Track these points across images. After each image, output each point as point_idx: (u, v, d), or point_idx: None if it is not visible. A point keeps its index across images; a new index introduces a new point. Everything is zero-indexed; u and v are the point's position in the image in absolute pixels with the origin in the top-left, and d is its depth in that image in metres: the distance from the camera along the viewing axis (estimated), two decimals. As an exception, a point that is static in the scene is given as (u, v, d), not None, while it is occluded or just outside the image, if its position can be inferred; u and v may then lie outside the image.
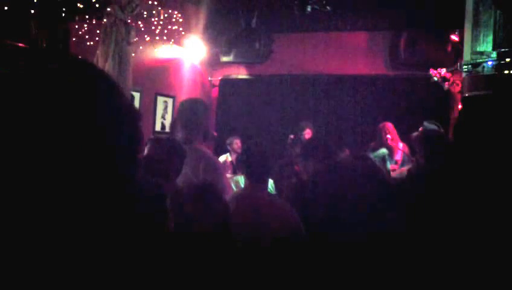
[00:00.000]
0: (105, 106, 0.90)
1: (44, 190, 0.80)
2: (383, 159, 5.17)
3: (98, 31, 5.76)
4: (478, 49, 5.52)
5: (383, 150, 5.34)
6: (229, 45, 8.23)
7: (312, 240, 2.45)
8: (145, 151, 3.05)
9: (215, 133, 5.83)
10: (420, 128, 5.06)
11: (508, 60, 5.15)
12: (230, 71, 8.75)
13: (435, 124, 5.14)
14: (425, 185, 2.53)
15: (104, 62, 5.54)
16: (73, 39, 5.94)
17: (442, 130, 5.12)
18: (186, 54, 8.01)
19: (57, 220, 0.80)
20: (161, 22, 6.60)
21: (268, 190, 4.31)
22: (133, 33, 5.77)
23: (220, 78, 8.80)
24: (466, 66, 5.57)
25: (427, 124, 5.10)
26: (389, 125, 5.85)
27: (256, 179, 2.86)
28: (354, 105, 7.79)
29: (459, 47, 6.63)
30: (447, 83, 6.12)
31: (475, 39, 5.57)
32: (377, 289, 1.77)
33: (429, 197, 2.31)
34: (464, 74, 5.73)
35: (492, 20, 5.44)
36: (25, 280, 0.78)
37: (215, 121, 8.82)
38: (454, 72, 6.10)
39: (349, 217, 2.37)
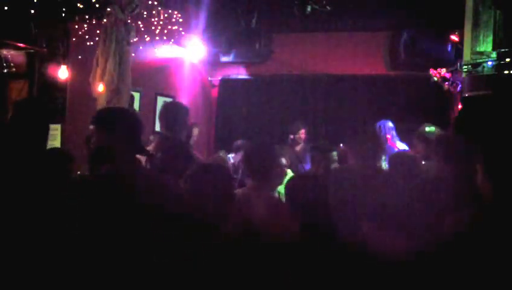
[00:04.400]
0: None
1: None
2: None
3: (98, 31, 5.76)
4: (478, 49, 5.51)
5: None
6: (229, 45, 8.23)
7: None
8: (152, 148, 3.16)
9: None
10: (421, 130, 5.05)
11: (507, 60, 5.15)
12: (230, 71, 8.75)
13: (435, 127, 5.12)
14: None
15: (105, 62, 5.55)
16: (73, 39, 5.95)
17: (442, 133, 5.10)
18: (186, 54, 8.00)
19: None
20: (161, 22, 6.60)
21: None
22: (132, 33, 5.77)
23: (220, 78, 8.80)
24: (466, 66, 5.56)
25: (427, 126, 5.09)
26: (388, 125, 5.84)
27: (258, 179, 2.88)
28: (354, 105, 7.78)
29: (459, 47, 6.62)
30: (447, 83, 6.12)
31: (475, 39, 5.57)
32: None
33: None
34: (463, 74, 5.72)
35: (492, 20, 5.44)
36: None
37: (215, 121, 8.83)
38: (454, 72, 6.09)
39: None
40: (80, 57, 6.01)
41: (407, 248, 2.16)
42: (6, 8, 5.09)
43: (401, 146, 5.75)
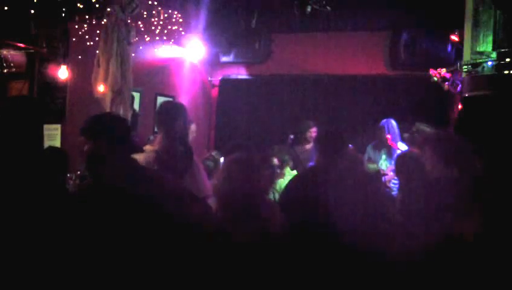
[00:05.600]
0: None
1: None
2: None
3: (98, 31, 5.76)
4: (478, 49, 5.51)
5: (374, 166, 5.33)
6: (229, 45, 8.23)
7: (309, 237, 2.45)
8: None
9: None
10: (413, 130, 5.05)
11: (508, 60, 5.15)
12: (230, 71, 8.75)
13: (427, 126, 5.12)
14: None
15: (106, 62, 5.54)
16: (73, 39, 5.94)
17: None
18: (186, 54, 8.00)
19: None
20: (161, 22, 6.61)
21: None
22: (133, 33, 5.77)
23: (220, 78, 8.80)
24: (466, 66, 5.56)
25: (420, 126, 5.08)
26: (391, 123, 5.83)
27: None
28: (354, 105, 7.78)
29: (459, 47, 6.62)
30: (447, 83, 6.11)
31: (475, 39, 5.56)
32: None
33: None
34: (463, 74, 5.72)
35: (492, 20, 5.44)
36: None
37: (215, 121, 8.83)
38: (454, 72, 6.09)
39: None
40: (80, 57, 6.01)
41: (406, 248, 2.16)
42: (6, 8, 5.09)
43: (402, 146, 5.75)
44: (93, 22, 5.79)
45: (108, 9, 5.55)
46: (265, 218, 2.46)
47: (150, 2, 6.28)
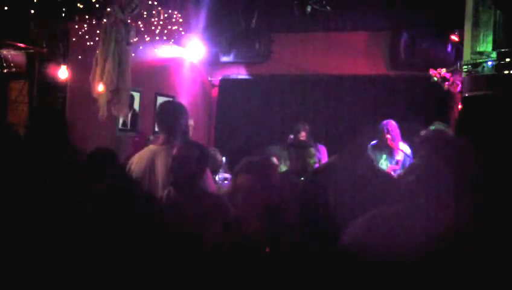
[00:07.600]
0: None
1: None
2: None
3: (98, 31, 5.76)
4: (478, 49, 5.51)
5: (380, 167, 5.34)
6: (229, 45, 8.22)
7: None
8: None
9: None
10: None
11: (508, 60, 5.15)
12: (230, 71, 8.75)
13: (443, 126, 5.13)
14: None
15: (104, 62, 5.54)
16: (73, 39, 5.95)
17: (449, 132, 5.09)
18: (186, 54, 8.00)
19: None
20: (161, 22, 6.61)
21: None
22: (132, 33, 5.77)
23: (220, 78, 8.81)
24: (466, 66, 5.56)
25: (438, 125, 5.08)
26: (391, 124, 5.83)
27: None
28: (354, 105, 7.79)
29: (459, 47, 6.63)
30: (447, 83, 6.11)
31: (475, 39, 5.56)
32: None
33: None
34: (463, 74, 5.72)
35: (492, 20, 5.44)
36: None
37: (215, 121, 8.83)
38: (454, 72, 6.09)
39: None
40: (80, 57, 6.01)
41: (405, 248, 2.15)
42: (6, 8, 5.09)
43: (404, 147, 5.75)
44: (93, 22, 5.79)
45: (108, 9, 5.55)
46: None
47: (150, 2, 6.29)
